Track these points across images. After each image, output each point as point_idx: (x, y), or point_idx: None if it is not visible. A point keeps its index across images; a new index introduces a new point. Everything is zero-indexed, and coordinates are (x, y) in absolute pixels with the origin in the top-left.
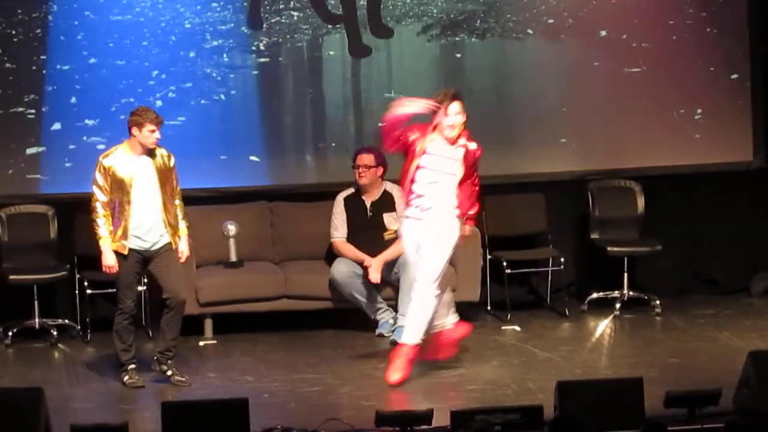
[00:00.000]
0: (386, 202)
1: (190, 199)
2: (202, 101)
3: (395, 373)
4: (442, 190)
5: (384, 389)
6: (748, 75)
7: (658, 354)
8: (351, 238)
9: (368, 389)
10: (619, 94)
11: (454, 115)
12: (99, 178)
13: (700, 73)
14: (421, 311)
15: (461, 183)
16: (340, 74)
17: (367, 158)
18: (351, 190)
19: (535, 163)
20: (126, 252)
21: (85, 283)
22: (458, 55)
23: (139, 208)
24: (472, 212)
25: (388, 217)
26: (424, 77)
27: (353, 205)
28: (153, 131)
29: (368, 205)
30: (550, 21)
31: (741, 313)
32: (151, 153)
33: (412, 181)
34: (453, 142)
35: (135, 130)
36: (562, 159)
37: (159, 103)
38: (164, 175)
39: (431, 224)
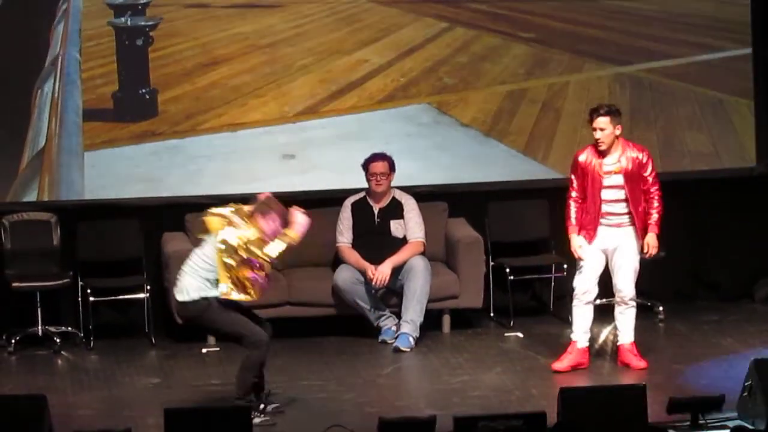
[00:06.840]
0: (394, 209)
1: (193, 206)
2: None
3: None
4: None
5: (386, 396)
6: (752, 81)
7: (661, 360)
8: (357, 244)
9: (371, 396)
10: (634, 101)
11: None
12: None
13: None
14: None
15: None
16: None
17: (381, 166)
18: (360, 195)
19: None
20: None
21: (88, 290)
22: None
23: None
24: (652, 219)
25: (395, 224)
26: None
27: (361, 210)
28: None
29: (376, 212)
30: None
31: (744, 319)
32: None
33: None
34: (605, 154)
35: None
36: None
37: None
38: None
39: (620, 237)
